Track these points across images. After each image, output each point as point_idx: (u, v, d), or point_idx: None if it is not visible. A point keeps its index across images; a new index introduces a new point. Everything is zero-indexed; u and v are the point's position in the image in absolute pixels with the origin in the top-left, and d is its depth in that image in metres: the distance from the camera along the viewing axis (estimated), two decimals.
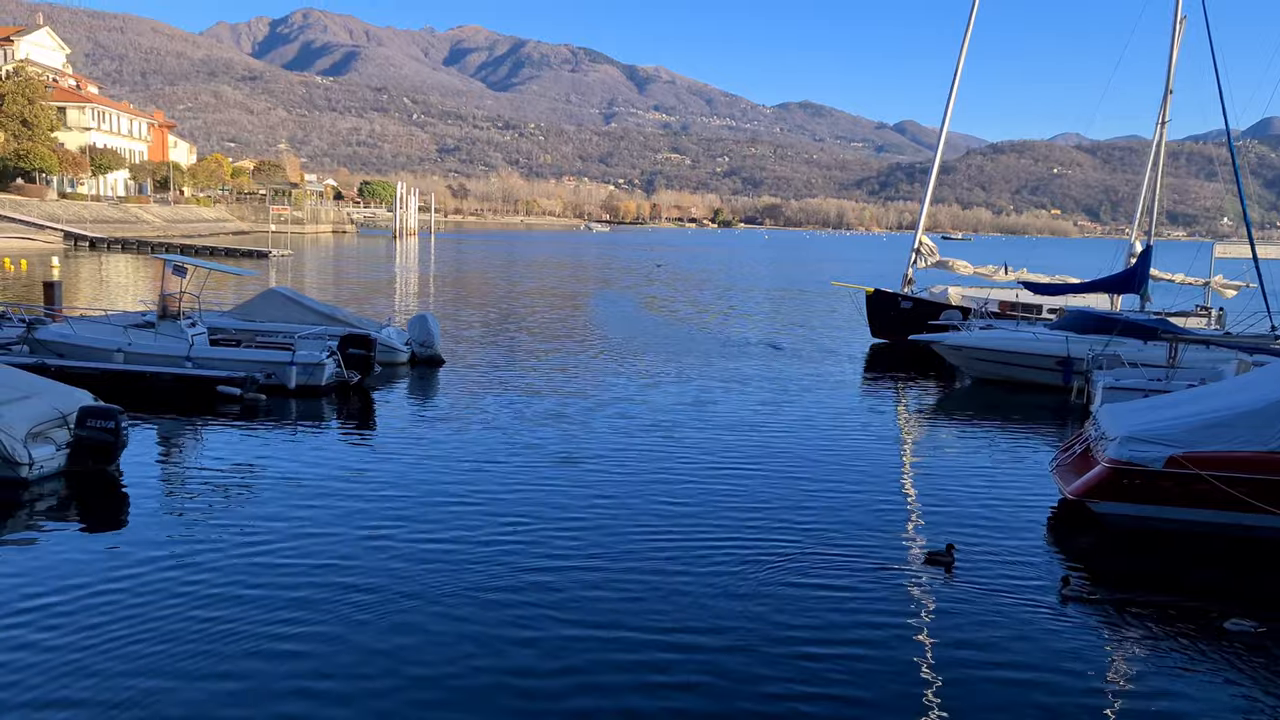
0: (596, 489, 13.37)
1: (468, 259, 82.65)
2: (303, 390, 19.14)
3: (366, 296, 42.09)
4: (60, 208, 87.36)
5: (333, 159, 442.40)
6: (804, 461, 15.41)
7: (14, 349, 19.57)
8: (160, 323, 19.99)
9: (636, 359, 25.97)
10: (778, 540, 11.39)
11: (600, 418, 18.16)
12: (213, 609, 8.95)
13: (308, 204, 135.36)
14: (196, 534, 10.97)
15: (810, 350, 29.46)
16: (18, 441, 12.18)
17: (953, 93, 32.51)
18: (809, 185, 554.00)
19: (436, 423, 17.39)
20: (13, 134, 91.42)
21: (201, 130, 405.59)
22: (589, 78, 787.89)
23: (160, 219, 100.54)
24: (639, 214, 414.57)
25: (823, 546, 11.24)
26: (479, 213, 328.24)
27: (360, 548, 10.71)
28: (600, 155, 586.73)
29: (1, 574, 9.67)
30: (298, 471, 13.77)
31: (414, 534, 11.22)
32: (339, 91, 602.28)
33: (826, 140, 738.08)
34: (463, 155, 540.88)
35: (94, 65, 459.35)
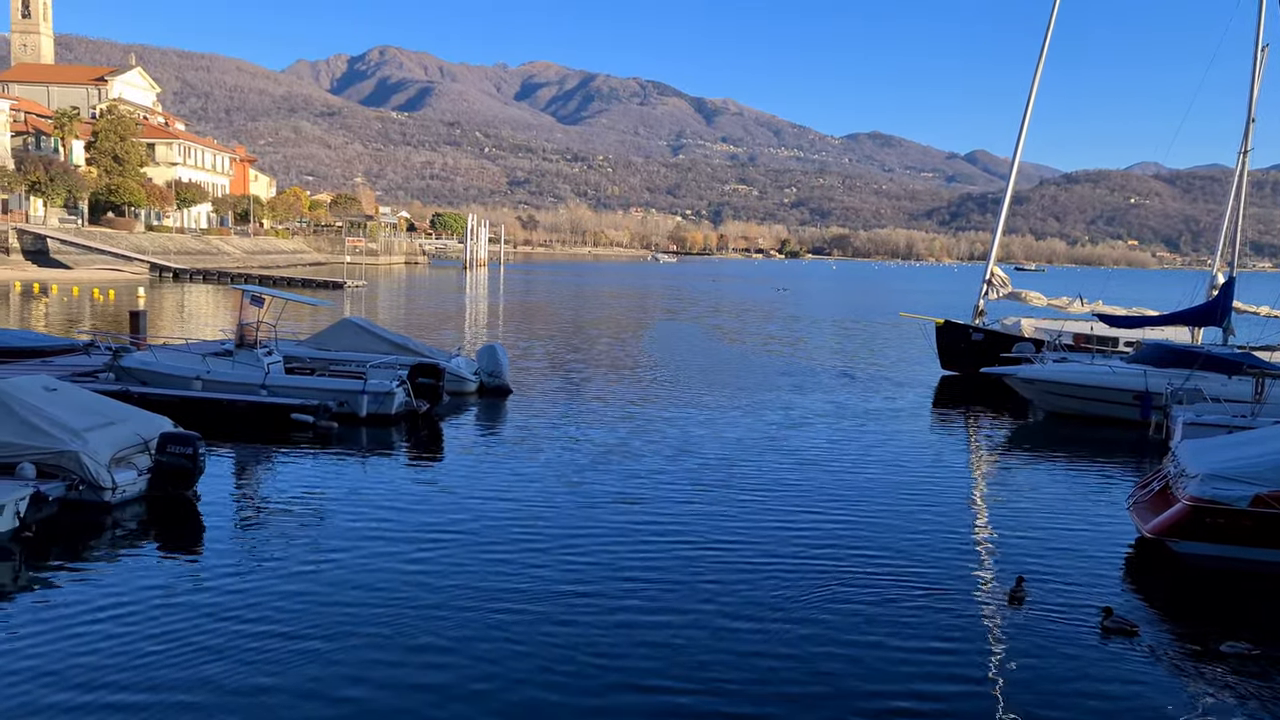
0: (662, 519, 13.34)
1: (536, 289, 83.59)
2: (373, 419, 19.49)
3: (437, 326, 42.77)
4: (147, 240, 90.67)
5: (407, 192, 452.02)
6: (873, 495, 15.19)
7: (101, 376, 20.28)
8: (238, 351, 20.55)
9: (703, 390, 25.94)
10: (846, 573, 11.24)
11: (666, 447, 18.15)
12: (284, 631, 9.13)
13: (382, 236, 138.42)
14: (269, 559, 11.21)
15: (879, 382, 29.11)
16: (102, 466, 12.60)
17: (1025, 122, 32.08)
18: (878, 215, 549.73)
19: (503, 452, 17.55)
20: (105, 170, 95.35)
21: (281, 164, 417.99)
22: (657, 110, 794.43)
23: (240, 250, 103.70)
24: (706, 245, 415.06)
25: (895, 581, 11.05)
26: (547, 244, 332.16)
27: (426, 574, 10.83)
28: (668, 187, 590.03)
29: (85, 593, 10.00)
30: (367, 499, 14.00)
31: (479, 562, 11.31)
32: (413, 126, 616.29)
33: (896, 170, 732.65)
34: (532, 187, 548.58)
35: (181, 103, 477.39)
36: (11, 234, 78.05)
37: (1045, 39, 31.81)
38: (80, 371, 20.68)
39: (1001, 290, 32.20)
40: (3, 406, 12.77)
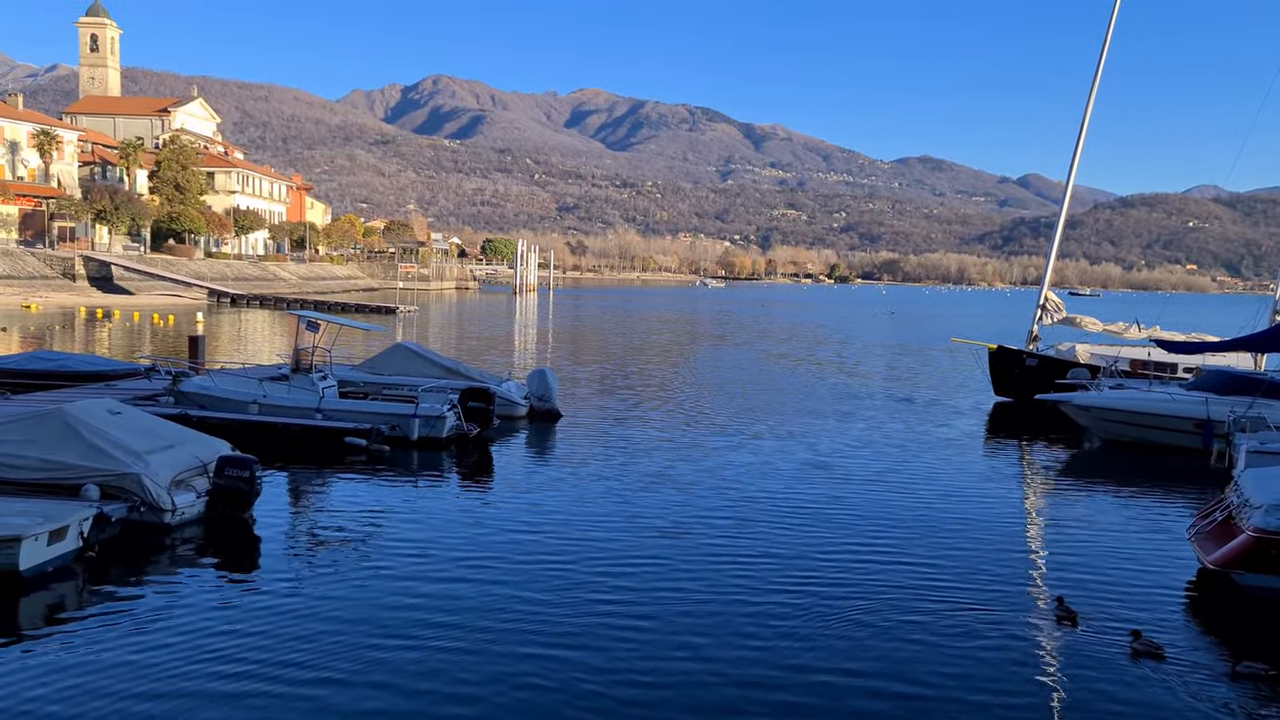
0: (709, 544, 13.30)
1: (585, 314, 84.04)
2: (424, 442, 19.69)
3: (487, 351, 43.17)
4: (206, 266, 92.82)
5: (458, 218, 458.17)
6: (926, 524, 15.00)
7: (161, 400, 20.76)
8: (293, 376, 20.91)
9: (752, 416, 25.85)
10: (899, 602, 11.10)
11: (715, 473, 18.12)
12: (337, 650, 9.25)
13: (433, 262, 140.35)
14: (323, 581, 11.37)
15: (931, 409, 28.79)
16: (163, 489, 12.89)
17: (1079, 144, 31.71)
18: (928, 240, 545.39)
19: (552, 476, 17.63)
20: (167, 198, 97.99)
21: (336, 192, 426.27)
22: (706, 136, 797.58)
23: (296, 276, 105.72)
24: (754, 270, 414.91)
25: (949, 609, 10.89)
26: (596, 269, 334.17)
27: (475, 596, 10.91)
28: (716, 212, 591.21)
29: (144, 612, 10.22)
30: (418, 521, 14.15)
31: (527, 585, 11.36)
32: (465, 154, 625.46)
33: (947, 195, 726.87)
34: (582, 213, 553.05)
35: (240, 132, 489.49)
36: (78, 261, 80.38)
37: (1100, 60, 31.49)
38: (141, 395, 21.19)
39: (1056, 315, 31.75)
40: (69, 430, 13.14)
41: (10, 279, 73.22)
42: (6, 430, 13.40)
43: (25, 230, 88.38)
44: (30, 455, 12.97)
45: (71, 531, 11.47)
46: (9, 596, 10.47)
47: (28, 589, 10.68)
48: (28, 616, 10.21)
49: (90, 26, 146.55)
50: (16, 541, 10.67)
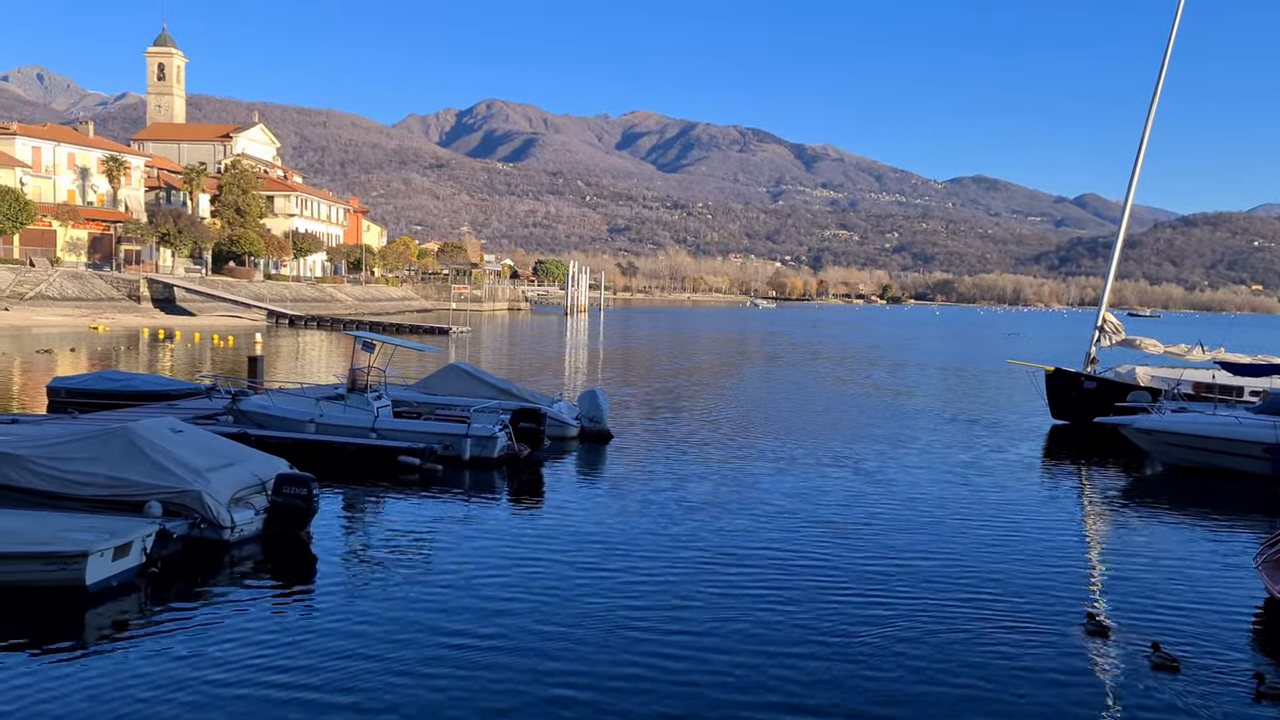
0: (761, 568, 13.22)
1: (635, 335, 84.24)
2: (476, 462, 19.85)
3: (538, 371, 43.44)
4: (265, 288, 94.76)
5: (510, 240, 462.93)
6: (983, 550, 14.76)
7: (221, 419, 21.22)
8: (349, 395, 21.25)
9: (804, 438, 25.69)
10: (953, 632, 10.93)
11: (766, 496, 18.02)
12: (390, 667, 9.36)
13: (486, 283, 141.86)
14: (377, 598, 11.51)
15: (987, 432, 28.36)
16: (223, 506, 13.16)
17: (1138, 163, 31.16)
18: (983, 260, 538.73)
19: (602, 497, 17.66)
20: (228, 221, 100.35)
21: (392, 215, 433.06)
22: (757, 157, 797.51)
23: (352, 298, 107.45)
24: (806, 290, 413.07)
25: (1006, 636, 10.70)
26: (647, 290, 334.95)
27: (524, 615, 10.96)
28: (767, 233, 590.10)
29: (204, 626, 10.42)
30: (469, 541, 14.26)
31: (576, 605, 11.39)
32: (518, 176, 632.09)
33: (1002, 215, 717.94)
34: (632, 234, 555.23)
35: (299, 157, 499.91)
36: (143, 283, 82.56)
37: (1159, 78, 30.97)
38: (202, 414, 21.66)
39: (1114, 337, 31.13)
40: (134, 448, 13.48)
41: (80, 301, 75.42)
42: (74, 448, 13.79)
43: (94, 253, 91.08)
44: (97, 472, 13.33)
45: (135, 547, 11.73)
46: (75, 610, 10.74)
47: (93, 603, 10.95)
48: (93, 629, 10.47)
49: (158, 56, 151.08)
50: (83, 557, 10.95)
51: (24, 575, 10.96)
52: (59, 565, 10.96)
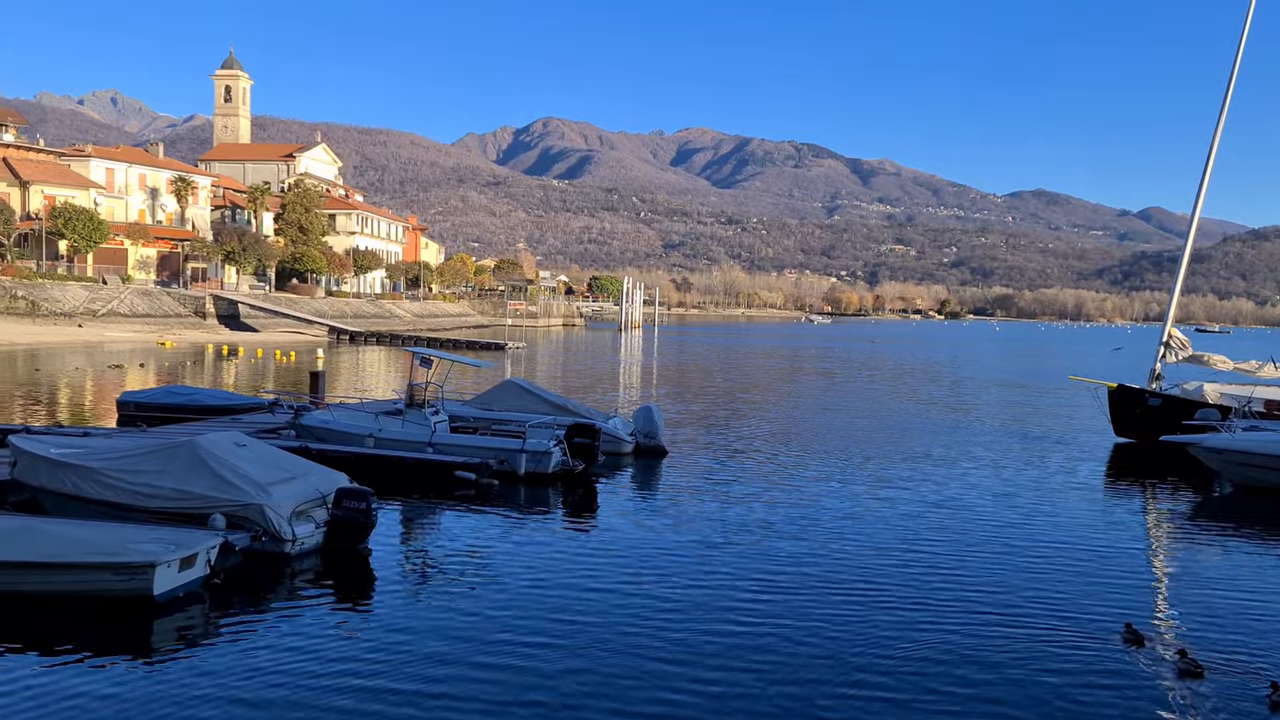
0: (816, 589, 13.10)
1: (690, 350, 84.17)
2: (531, 477, 19.97)
3: (593, 387, 43.61)
4: (326, 304, 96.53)
5: (565, 256, 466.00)
6: (1042, 572, 14.45)
7: (283, 433, 21.63)
8: (408, 411, 21.54)
9: (861, 455, 25.43)
10: (1013, 655, 10.72)
11: (822, 514, 17.86)
12: (444, 679, 9.46)
13: (541, 299, 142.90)
14: (434, 611, 11.63)
15: (1048, 450, 27.81)
16: (284, 519, 13.40)
17: (1206, 175, 30.43)
18: (1044, 275, 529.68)
19: (656, 513, 17.65)
20: (291, 239, 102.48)
21: (449, 232, 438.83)
22: (812, 172, 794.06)
23: (410, 314, 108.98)
24: (862, 305, 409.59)
25: (1067, 664, 10.47)
26: (701, 305, 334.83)
27: (577, 629, 10.99)
28: (822, 248, 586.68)
29: (266, 638, 10.62)
30: (524, 555, 14.34)
31: (629, 621, 11.39)
32: (573, 193, 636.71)
33: (1063, 229, 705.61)
34: (687, 250, 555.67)
35: (360, 176, 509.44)
36: (209, 300, 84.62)
37: (1229, 86, 30.24)
38: (265, 429, 22.12)
39: (1181, 353, 30.37)
40: (200, 461, 13.82)
41: (149, 317, 77.52)
42: (143, 461, 14.17)
43: (162, 271, 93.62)
44: (163, 485, 13.68)
45: (200, 559, 12.00)
46: (143, 619, 11.02)
47: (159, 613, 11.21)
48: (160, 638, 10.73)
49: (224, 79, 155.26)
50: (151, 568, 11.23)
51: (94, 585, 11.27)
52: (128, 575, 11.25)
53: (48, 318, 70.63)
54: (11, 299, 70.98)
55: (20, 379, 39.14)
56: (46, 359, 49.24)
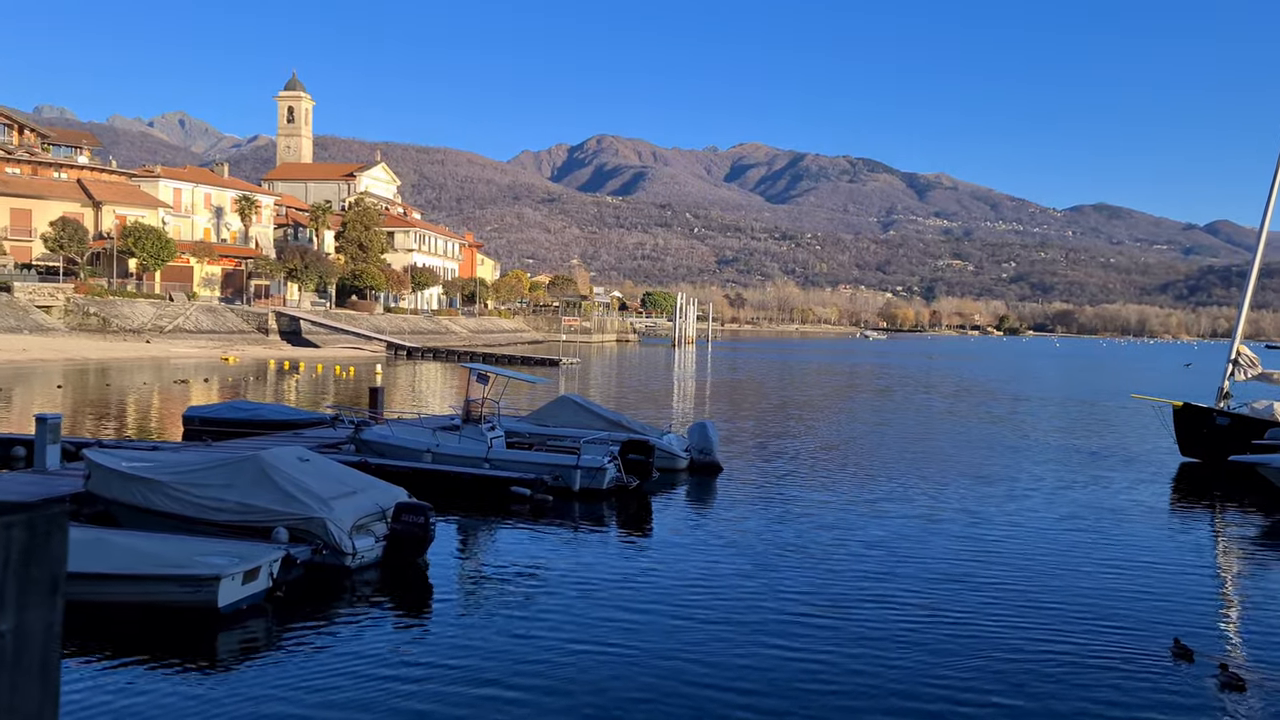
0: (872, 609, 12.99)
1: (743, 366, 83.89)
2: (586, 493, 20.07)
3: (646, 403, 43.67)
4: (385, 320, 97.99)
5: (619, 272, 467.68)
6: (1107, 597, 14.15)
7: (343, 448, 22.01)
8: (465, 426, 21.80)
9: (917, 474, 25.13)
10: (1075, 683, 10.53)
11: (878, 533, 17.69)
12: (503, 695, 9.55)
13: (595, 315, 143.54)
14: (490, 625, 11.75)
15: (1111, 471, 27.23)
16: (345, 533, 13.65)
17: (1275, 187, 29.68)
18: (1105, 290, 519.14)
19: (711, 530, 17.63)
20: (351, 256, 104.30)
21: (505, 248, 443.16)
22: (867, 187, 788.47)
23: (466, 330, 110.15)
24: (918, 321, 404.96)
25: (1132, 689, 10.25)
26: (755, 321, 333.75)
27: (632, 644, 11.03)
28: (878, 263, 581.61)
29: (327, 650, 10.81)
30: (579, 571, 14.41)
31: (683, 637, 11.40)
32: (627, 210, 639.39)
33: (1125, 243, 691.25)
34: (740, 266, 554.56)
35: (418, 194, 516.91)
36: (271, 316, 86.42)
37: None
38: (326, 443, 22.52)
39: (1250, 370, 29.58)
40: (264, 476, 14.14)
41: (213, 333, 79.39)
42: (209, 475, 14.54)
43: (226, 288, 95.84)
44: (229, 499, 14.02)
45: (263, 572, 12.27)
46: (208, 631, 11.30)
47: (224, 624, 11.48)
48: (224, 649, 10.99)
49: (288, 100, 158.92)
50: (216, 580, 11.51)
51: (161, 596, 11.59)
52: (193, 587, 11.55)
53: (117, 334, 72.68)
54: (84, 315, 73.19)
55: (91, 393, 40.33)
56: (116, 374, 50.67)
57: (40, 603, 1.60)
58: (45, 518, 1.64)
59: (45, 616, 1.61)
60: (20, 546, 1.56)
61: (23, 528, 1.57)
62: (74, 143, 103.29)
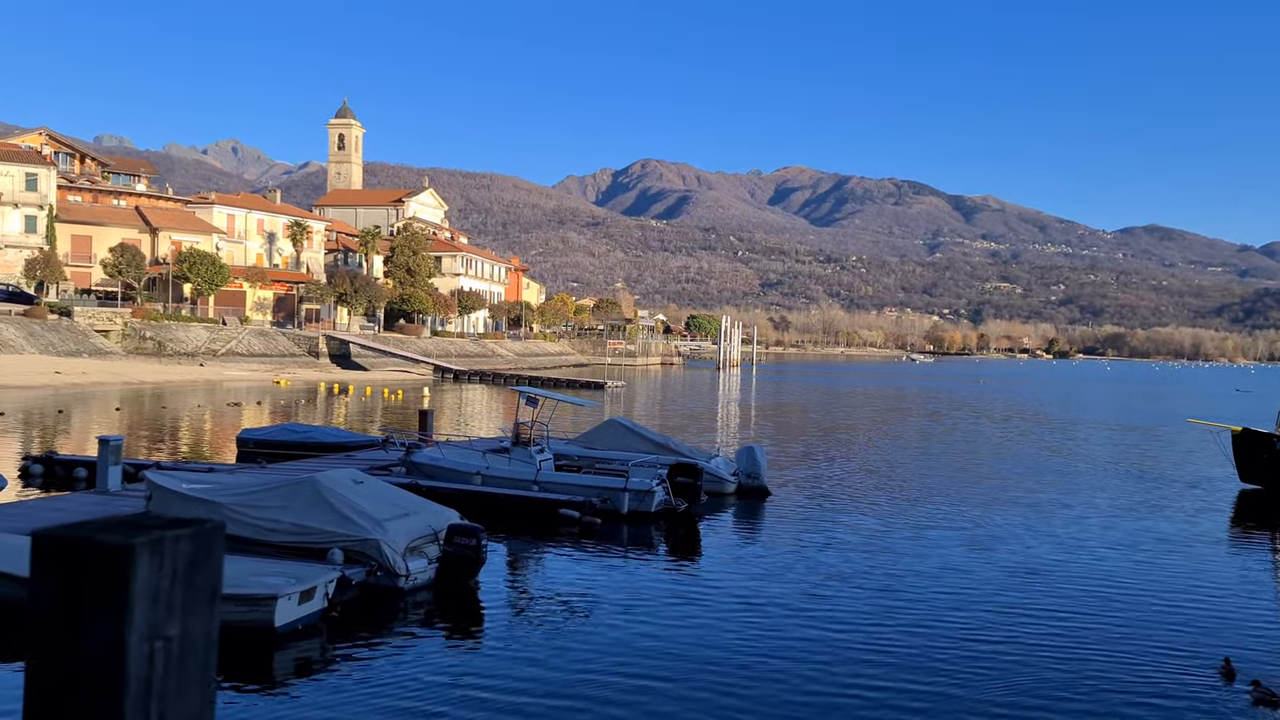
0: (922, 636, 12.83)
1: (788, 390, 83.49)
2: (634, 515, 20.08)
3: (691, 426, 43.61)
4: (432, 344, 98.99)
5: (663, 295, 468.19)
6: (1165, 629, 13.84)
7: (394, 470, 22.24)
8: (514, 449, 21.94)
9: (967, 500, 24.82)
10: (1112, 692, 10.31)
11: (929, 562, 17.48)
12: (553, 715, 9.60)
13: (640, 338, 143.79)
14: (540, 647, 11.80)
15: (1166, 497, 26.66)
16: (399, 554, 13.79)
17: None
18: (1157, 313, 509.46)
19: (759, 555, 17.54)
20: (399, 281, 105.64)
21: (550, 272, 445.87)
22: (912, 209, 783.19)
23: (511, 353, 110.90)
24: (965, 344, 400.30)
25: (1160, 701, 10.02)
26: (799, 344, 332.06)
27: (681, 667, 11.00)
28: (924, 286, 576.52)
29: (381, 672, 10.92)
30: (628, 594, 14.42)
31: (731, 660, 11.36)
32: (671, 233, 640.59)
33: (1178, 265, 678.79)
34: (784, 289, 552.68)
35: (465, 218, 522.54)
36: (321, 340, 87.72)
37: None
38: (377, 465, 22.77)
39: None
40: (320, 497, 14.34)
41: (265, 356, 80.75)
42: (266, 496, 14.77)
43: (278, 312, 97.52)
44: (285, 520, 14.23)
45: (319, 592, 12.43)
46: (265, 650, 11.46)
47: (280, 643, 11.64)
48: (280, 668, 11.14)
49: (338, 127, 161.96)
50: (273, 600, 11.68)
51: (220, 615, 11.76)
52: (250, 607, 11.72)
53: (172, 357, 74.22)
54: (141, 339, 74.86)
55: (148, 416, 41.19)
56: (171, 396, 51.71)
57: (201, 611, 1.75)
58: (207, 531, 1.77)
59: (205, 624, 1.76)
60: (187, 558, 1.70)
61: (189, 540, 1.71)
62: (132, 171, 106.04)
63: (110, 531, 1.70)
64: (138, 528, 1.73)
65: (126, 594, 1.64)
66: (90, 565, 1.66)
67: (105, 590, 1.65)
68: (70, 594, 1.67)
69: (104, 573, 1.66)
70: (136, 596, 1.65)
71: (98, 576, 1.66)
